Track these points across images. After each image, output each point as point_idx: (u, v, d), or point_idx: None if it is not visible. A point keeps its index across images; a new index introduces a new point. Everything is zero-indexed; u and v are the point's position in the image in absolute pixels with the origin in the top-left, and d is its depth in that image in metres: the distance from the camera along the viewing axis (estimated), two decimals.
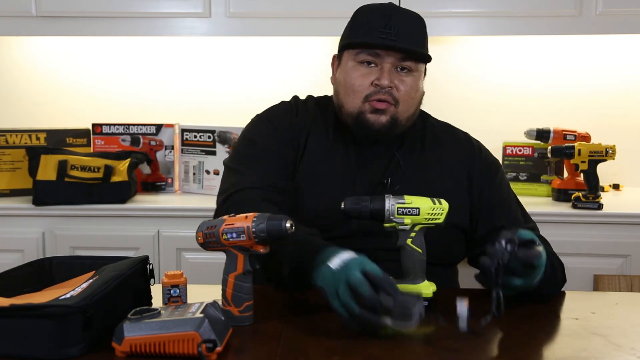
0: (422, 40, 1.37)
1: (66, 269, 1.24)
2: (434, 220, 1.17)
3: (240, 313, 1.11)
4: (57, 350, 0.95)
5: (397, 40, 1.32)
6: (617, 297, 1.49)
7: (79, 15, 2.28)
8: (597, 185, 2.14)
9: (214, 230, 1.09)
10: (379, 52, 1.34)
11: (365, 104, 1.35)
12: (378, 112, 1.35)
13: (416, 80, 1.37)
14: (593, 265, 2.07)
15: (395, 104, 1.35)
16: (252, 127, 1.47)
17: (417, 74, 1.38)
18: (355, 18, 1.40)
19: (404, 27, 1.33)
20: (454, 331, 1.07)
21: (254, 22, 2.27)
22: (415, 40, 1.35)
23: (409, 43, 1.33)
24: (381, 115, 1.35)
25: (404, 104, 1.36)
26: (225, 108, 2.56)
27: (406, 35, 1.33)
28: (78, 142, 2.39)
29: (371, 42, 1.33)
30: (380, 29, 1.32)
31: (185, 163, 2.40)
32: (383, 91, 1.33)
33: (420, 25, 1.38)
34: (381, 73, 1.34)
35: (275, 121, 1.45)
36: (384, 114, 1.35)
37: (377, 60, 1.35)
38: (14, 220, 2.18)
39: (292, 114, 1.45)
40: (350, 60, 1.37)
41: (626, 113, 2.52)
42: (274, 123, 1.44)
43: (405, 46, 1.32)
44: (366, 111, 1.35)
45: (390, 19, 1.32)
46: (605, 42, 2.49)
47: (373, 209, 1.17)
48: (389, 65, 1.34)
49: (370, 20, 1.35)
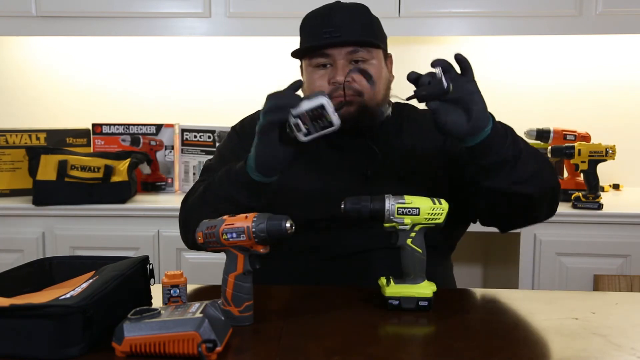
0: (369, 28, 1.40)
1: (66, 269, 1.24)
2: (434, 220, 1.17)
3: (240, 313, 1.10)
4: (57, 350, 0.95)
5: (342, 35, 1.35)
6: (617, 297, 1.49)
7: (79, 15, 2.28)
8: (597, 185, 2.14)
9: (214, 230, 1.09)
10: (328, 52, 1.37)
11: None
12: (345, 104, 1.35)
13: (375, 68, 1.39)
14: (593, 265, 2.07)
15: (359, 95, 1.37)
16: (225, 140, 1.55)
17: (375, 62, 1.39)
18: (301, 27, 1.44)
19: (346, 21, 1.36)
20: (454, 331, 1.08)
21: (254, 22, 2.27)
22: (360, 29, 1.37)
23: (354, 34, 1.36)
24: (349, 106, 1.36)
25: (368, 93, 1.38)
26: (225, 108, 2.56)
27: (350, 28, 1.36)
28: (78, 142, 2.39)
29: (316, 44, 1.37)
30: (323, 30, 1.36)
31: (185, 163, 2.41)
32: (341, 87, 1.35)
33: (363, 14, 1.40)
34: (335, 70, 1.36)
35: (241, 132, 1.51)
36: (351, 105, 1.36)
37: (330, 60, 1.38)
38: (14, 220, 2.18)
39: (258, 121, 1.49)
40: (308, 66, 1.42)
41: (626, 113, 2.53)
42: (239, 132, 1.51)
43: (349, 38, 1.35)
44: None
45: (331, 18, 1.36)
46: (605, 42, 2.50)
47: (373, 209, 1.17)
48: (342, 62, 1.36)
49: (313, 25, 1.39)
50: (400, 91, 1.40)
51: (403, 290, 1.17)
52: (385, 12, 2.23)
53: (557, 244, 2.09)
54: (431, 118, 1.34)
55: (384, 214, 1.16)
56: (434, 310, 1.16)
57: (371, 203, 1.17)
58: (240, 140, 1.49)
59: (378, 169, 1.42)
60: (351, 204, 1.18)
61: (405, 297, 1.16)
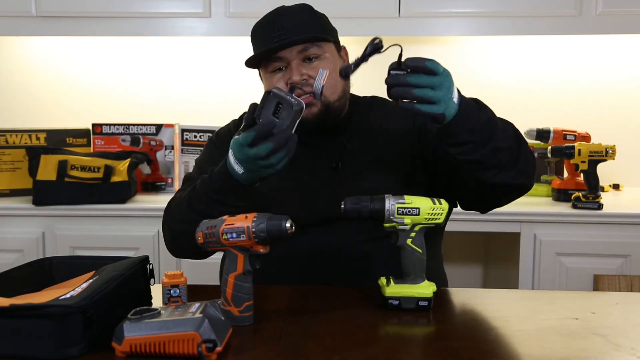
0: (315, 25, 1.42)
1: (66, 269, 1.24)
2: (433, 220, 1.17)
3: (240, 313, 1.10)
4: (57, 350, 0.95)
5: (289, 36, 1.37)
6: (617, 297, 1.49)
7: (79, 15, 2.28)
8: (597, 185, 2.14)
9: (214, 230, 1.09)
10: (280, 55, 1.39)
11: None
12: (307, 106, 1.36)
13: (329, 63, 1.40)
14: (593, 265, 2.07)
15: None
16: (202, 151, 1.59)
17: (328, 56, 1.41)
18: (252, 37, 1.47)
19: (291, 22, 1.39)
20: (453, 331, 1.08)
21: (254, 22, 2.26)
22: (306, 27, 1.40)
23: (300, 33, 1.38)
24: (311, 108, 1.37)
25: (327, 88, 1.38)
26: (226, 108, 2.55)
27: (296, 28, 1.38)
28: (78, 142, 2.39)
29: (265, 49, 1.39)
30: (271, 35, 1.38)
31: (185, 163, 2.40)
32: (298, 86, 1.36)
33: (306, 13, 1.43)
34: (290, 71, 1.39)
35: (217, 141, 1.54)
36: (313, 106, 1.38)
37: (284, 63, 1.40)
38: (13, 220, 2.18)
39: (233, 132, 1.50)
40: (264, 73, 1.44)
41: (626, 113, 2.53)
42: (216, 143, 1.54)
43: (296, 37, 1.37)
44: None
45: (275, 23, 1.39)
46: (605, 42, 2.50)
47: (373, 209, 1.17)
48: (295, 62, 1.38)
49: (260, 33, 1.43)
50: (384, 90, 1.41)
51: (403, 290, 1.17)
52: (385, 12, 2.24)
53: (557, 244, 2.09)
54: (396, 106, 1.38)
55: (383, 214, 1.16)
56: (434, 310, 1.16)
57: (371, 203, 1.17)
58: (217, 150, 1.51)
59: (349, 159, 1.43)
60: (351, 204, 1.18)
61: (405, 297, 1.16)
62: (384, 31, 2.24)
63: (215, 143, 1.55)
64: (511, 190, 1.32)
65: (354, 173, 1.42)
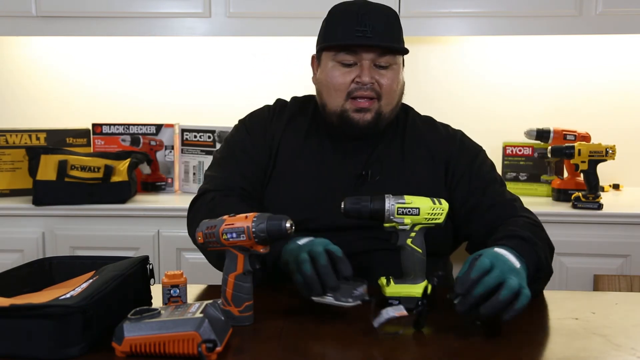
0: (398, 34, 1.41)
1: (66, 269, 1.24)
2: (433, 220, 1.17)
3: (240, 313, 1.11)
4: (57, 350, 0.95)
5: (373, 37, 1.35)
6: (617, 297, 1.49)
7: (79, 15, 2.28)
8: (597, 185, 2.14)
9: (214, 230, 1.09)
10: (357, 50, 1.37)
11: (347, 102, 1.39)
12: (362, 111, 1.39)
13: (396, 74, 1.41)
14: (593, 265, 2.07)
15: (378, 99, 1.39)
16: (233, 132, 1.54)
17: (396, 67, 1.41)
18: (329, 19, 1.43)
19: (378, 23, 1.36)
20: (453, 331, 1.08)
21: (254, 22, 2.27)
22: (391, 35, 1.38)
23: (385, 39, 1.37)
24: (365, 114, 1.38)
25: (387, 98, 1.39)
26: (226, 108, 2.56)
27: (382, 31, 1.36)
28: (78, 142, 2.39)
29: (349, 43, 1.36)
30: (355, 28, 1.35)
31: (185, 163, 2.40)
32: (365, 87, 1.36)
33: (394, 19, 1.41)
34: (361, 70, 1.37)
35: (250, 127, 1.51)
36: (368, 112, 1.39)
37: (355, 59, 1.38)
38: (13, 220, 2.18)
39: (267, 121, 1.51)
40: (330, 60, 1.40)
41: (626, 113, 2.52)
42: (249, 129, 1.51)
43: (381, 43, 1.36)
44: (349, 110, 1.39)
45: (364, 17, 1.36)
46: (605, 42, 2.49)
47: (373, 209, 1.17)
48: (367, 62, 1.37)
49: (344, 20, 1.38)
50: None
51: (403, 290, 1.17)
52: None
53: (557, 244, 2.06)
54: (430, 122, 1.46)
55: (383, 214, 1.16)
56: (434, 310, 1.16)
57: (371, 203, 1.17)
58: (248, 135, 1.49)
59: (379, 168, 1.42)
60: (351, 204, 1.18)
61: (406, 297, 1.16)
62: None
63: (248, 129, 1.51)
64: None
65: (381, 182, 1.41)
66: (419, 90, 2.54)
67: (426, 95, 2.54)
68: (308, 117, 1.50)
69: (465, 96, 2.56)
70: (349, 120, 1.39)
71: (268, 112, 1.53)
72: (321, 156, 1.45)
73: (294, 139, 1.47)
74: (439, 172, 1.45)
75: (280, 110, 1.53)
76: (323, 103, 1.44)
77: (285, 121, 1.50)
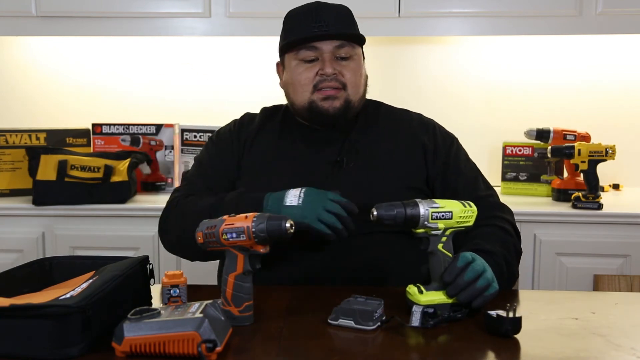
0: (353, 25, 1.47)
1: (66, 269, 1.24)
2: (464, 223, 1.15)
3: (240, 313, 1.11)
4: (57, 350, 0.95)
5: (330, 29, 1.40)
6: (617, 297, 1.49)
7: (79, 15, 2.28)
8: (597, 185, 2.14)
9: (214, 230, 1.09)
10: (317, 45, 1.41)
11: (314, 94, 1.43)
12: (330, 99, 1.42)
13: (357, 64, 1.45)
14: (593, 265, 2.07)
15: (344, 88, 1.42)
16: (202, 150, 1.60)
17: (356, 58, 1.45)
18: (286, 23, 1.47)
19: (332, 17, 1.41)
20: (453, 331, 1.08)
21: (254, 22, 2.27)
22: (346, 25, 1.44)
23: (341, 29, 1.42)
24: (334, 101, 1.42)
25: (352, 87, 1.43)
26: (225, 108, 2.56)
27: (337, 24, 1.41)
28: (78, 142, 2.39)
29: (308, 35, 1.40)
30: (312, 24, 1.40)
31: (185, 163, 2.40)
32: (329, 79, 1.40)
33: (347, 12, 1.47)
34: (323, 63, 1.41)
35: (217, 141, 1.55)
36: (337, 99, 1.42)
37: (316, 54, 1.42)
38: (13, 220, 2.18)
39: (234, 131, 1.55)
40: (292, 60, 1.45)
41: (626, 113, 2.52)
42: (216, 143, 1.55)
43: (339, 31, 1.41)
44: (317, 100, 1.43)
45: (318, 13, 1.42)
46: (605, 42, 2.49)
47: (408, 215, 1.13)
48: (328, 55, 1.41)
49: (300, 20, 1.43)
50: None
51: (437, 297, 1.14)
52: (385, 12, 2.23)
53: (557, 244, 2.09)
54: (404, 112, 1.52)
55: (418, 220, 1.13)
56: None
57: (405, 209, 1.13)
58: (217, 149, 1.53)
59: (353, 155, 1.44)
60: (385, 211, 1.13)
61: (441, 304, 1.13)
62: (384, 31, 2.24)
63: (215, 142, 1.55)
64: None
65: (357, 169, 1.43)
66: (419, 90, 2.54)
67: (426, 95, 2.54)
68: (278, 120, 1.54)
69: (465, 96, 2.56)
70: (318, 109, 1.43)
71: (234, 125, 1.57)
72: (295, 152, 1.48)
73: (266, 142, 1.51)
74: (417, 156, 1.47)
75: (249, 121, 1.56)
76: (292, 101, 1.48)
77: (256, 128, 1.53)
